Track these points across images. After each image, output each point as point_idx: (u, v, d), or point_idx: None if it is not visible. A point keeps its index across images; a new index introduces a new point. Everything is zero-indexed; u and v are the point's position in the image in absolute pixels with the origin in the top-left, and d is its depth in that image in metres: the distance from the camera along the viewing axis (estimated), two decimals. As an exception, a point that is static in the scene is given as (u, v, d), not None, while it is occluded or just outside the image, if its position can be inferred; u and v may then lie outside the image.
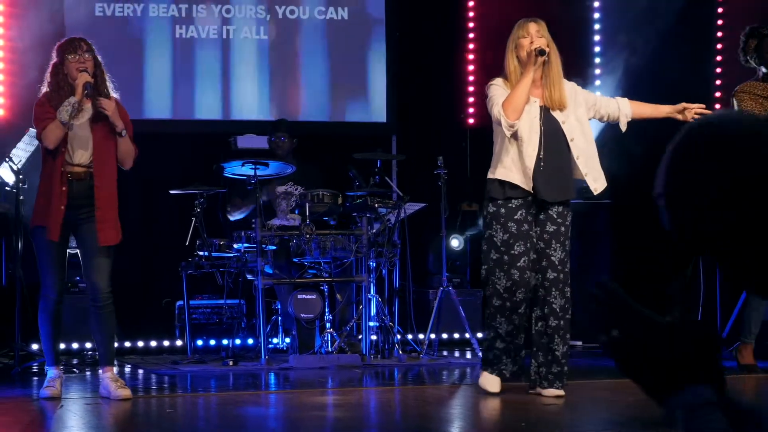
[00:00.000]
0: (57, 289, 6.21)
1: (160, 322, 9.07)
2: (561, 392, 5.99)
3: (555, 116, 5.96)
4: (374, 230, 7.99)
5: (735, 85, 7.19)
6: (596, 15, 10.15)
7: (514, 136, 5.87)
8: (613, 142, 9.83)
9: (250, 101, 9.69)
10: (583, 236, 9.67)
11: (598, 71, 10.06)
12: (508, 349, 5.97)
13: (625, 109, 6.24)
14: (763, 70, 7.07)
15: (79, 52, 6.16)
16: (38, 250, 6.26)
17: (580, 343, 9.58)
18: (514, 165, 5.89)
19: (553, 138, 5.93)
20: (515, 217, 5.91)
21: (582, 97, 6.11)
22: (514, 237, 5.89)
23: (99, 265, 6.19)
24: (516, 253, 5.89)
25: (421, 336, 8.61)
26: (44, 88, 6.27)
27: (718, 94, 9.67)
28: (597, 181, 6.06)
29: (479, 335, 8.08)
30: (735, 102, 7.01)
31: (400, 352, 8.01)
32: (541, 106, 5.93)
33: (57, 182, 6.12)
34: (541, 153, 5.88)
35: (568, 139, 5.97)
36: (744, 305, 7.66)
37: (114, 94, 6.30)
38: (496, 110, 5.83)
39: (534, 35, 5.95)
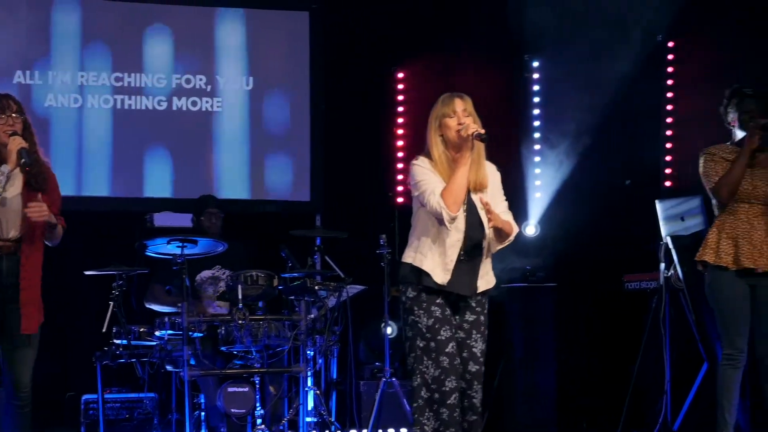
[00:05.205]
0: None
1: (65, 420, 8.19)
2: None
3: (474, 200, 5.37)
4: (313, 315, 7.26)
5: (686, 151, 6.70)
6: (536, 87, 9.67)
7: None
8: (555, 221, 9.37)
9: (165, 178, 9.05)
10: (526, 321, 9.06)
11: (537, 146, 9.56)
12: None
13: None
14: (738, 133, 6.52)
15: (8, 112, 5.44)
16: None
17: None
18: (432, 253, 5.32)
19: (475, 226, 5.36)
20: (437, 300, 5.35)
21: (497, 186, 5.52)
22: (439, 322, 5.33)
23: (23, 356, 5.47)
24: (443, 338, 5.32)
25: (353, 432, 7.95)
26: None
27: (668, 159, 9.36)
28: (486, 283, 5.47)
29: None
30: (701, 161, 6.49)
31: (340, 451, 7.27)
32: None
33: None
34: (465, 243, 5.33)
35: (485, 227, 5.38)
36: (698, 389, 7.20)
37: (45, 158, 5.60)
38: (435, 201, 5.21)
39: (461, 114, 5.32)
